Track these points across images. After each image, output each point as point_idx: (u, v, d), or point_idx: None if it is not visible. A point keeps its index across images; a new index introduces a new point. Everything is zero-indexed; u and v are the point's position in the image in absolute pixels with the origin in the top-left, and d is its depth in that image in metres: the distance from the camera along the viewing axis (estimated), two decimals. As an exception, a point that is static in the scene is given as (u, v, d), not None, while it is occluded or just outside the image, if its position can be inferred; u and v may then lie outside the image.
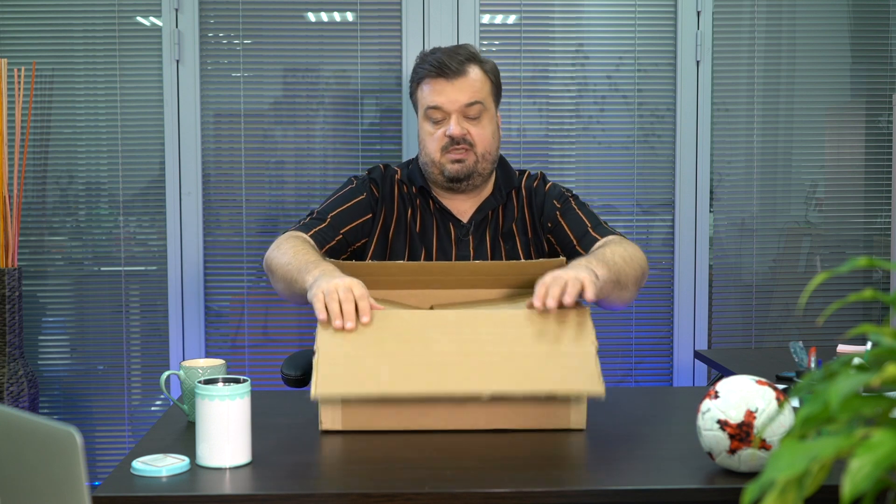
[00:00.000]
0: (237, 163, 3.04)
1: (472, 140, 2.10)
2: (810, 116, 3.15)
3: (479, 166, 2.12)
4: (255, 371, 3.00)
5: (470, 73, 2.11)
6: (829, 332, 3.10)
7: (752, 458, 1.37)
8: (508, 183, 2.20)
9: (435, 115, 2.11)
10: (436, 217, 2.16)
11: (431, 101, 2.10)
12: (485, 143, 2.12)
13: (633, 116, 3.09)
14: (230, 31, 3.02)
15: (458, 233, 2.15)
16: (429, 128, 2.13)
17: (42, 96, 3.00)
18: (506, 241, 2.16)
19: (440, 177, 2.12)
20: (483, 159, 2.12)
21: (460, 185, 2.13)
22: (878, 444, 0.80)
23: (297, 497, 1.36)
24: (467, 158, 2.10)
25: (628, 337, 3.10)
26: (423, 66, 2.13)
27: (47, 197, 3.03)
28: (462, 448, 1.55)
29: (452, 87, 2.09)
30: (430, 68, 2.11)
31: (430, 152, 2.12)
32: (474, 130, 2.11)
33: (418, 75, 2.15)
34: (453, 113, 2.09)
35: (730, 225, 3.15)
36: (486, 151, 2.12)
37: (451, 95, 2.09)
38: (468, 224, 2.16)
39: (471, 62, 2.12)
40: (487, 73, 2.15)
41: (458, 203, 2.18)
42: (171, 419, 1.74)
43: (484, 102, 2.12)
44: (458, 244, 2.14)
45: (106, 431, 3.06)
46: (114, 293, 3.04)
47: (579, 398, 1.63)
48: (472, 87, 2.10)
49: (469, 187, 2.15)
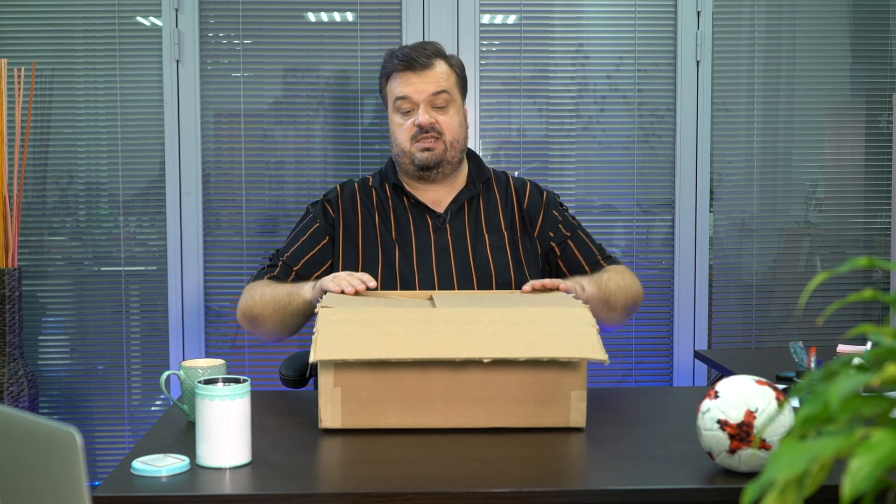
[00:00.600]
0: (237, 163, 3.04)
1: (440, 128, 2.17)
2: (810, 116, 3.15)
3: (447, 154, 2.18)
4: (255, 371, 3.00)
5: (436, 65, 2.20)
6: (829, 332, 3.10)
7: (752, 458, 1.37)
8: (480, 174, 2.27)
9: (403, 105, 2.18)
10: (411, 212, 2.20)
11: (400, 92, 2.18)
12: (453, 132, 2.19)
13: (633, 116, 3.09)
14: (230, 31, 3.02)
15: (436, 222, 2.20)
16: (398, 119, 2.20)
17: (42, 96, 3.00)
18: (491, 233, 2.20)
19: (411, 166, 2.19)
20: (451, 147, 2.19)
21: (430, 174, 2.19)
22: (878, 444, 0.80)
23: (297, 497, 1.36)
24: (436, 147, 2.17)
25: (628, 337, 3.10)
26: (391, 61, 2.21)
27: (47, 197, 3.03)
28: (462, 448, 1.55)
29: (420, 78, 2.17)
30: (397, 63, 2.19)
31: (401, 142, 2.19)
32: (442, 119, 2.18)
33: (387, 70, 2.23)
34: (421, 103, 2.17)
35: (730, 225, 3.15)
36: (454, 139, 2.19)
37: (419, 86, 2.17)
38: (444, 214, 2.20)
39: (437, 56, 2.21)
40: (453, 67, 2.23)
41: (432, 195, 2.23)
42: (171, 419, 1.74)
43: (450, 92, 2.20)
44: (436, 232, 2.18)
45: (106, 431, 3.06)
46: (114, 293, 3.04)
47: (580, 391, 1.63)
48: (438, 77, 2.18)
49: (439, 176, 2.20)
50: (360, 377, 1.61)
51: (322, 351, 1.58)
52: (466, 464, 1.48)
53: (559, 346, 1.60)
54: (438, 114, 2.17)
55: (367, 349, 1.59)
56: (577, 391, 1.63)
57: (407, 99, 2.17)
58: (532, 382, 1.62)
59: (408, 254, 2.15)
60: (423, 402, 1.62)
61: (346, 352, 1.59)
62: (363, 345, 1.60)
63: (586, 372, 1.64)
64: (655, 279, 3.11)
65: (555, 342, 1.61)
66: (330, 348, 1.59)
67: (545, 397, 1.63)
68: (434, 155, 2.16)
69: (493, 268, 2.13)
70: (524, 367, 1.62)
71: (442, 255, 2.15)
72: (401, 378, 1.61)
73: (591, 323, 1.66)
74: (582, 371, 1.63)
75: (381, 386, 1.61)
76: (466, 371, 1.61)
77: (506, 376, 1.62)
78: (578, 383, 1.63)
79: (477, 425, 1.63)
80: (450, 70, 2.21)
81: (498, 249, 2.17)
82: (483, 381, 1.62)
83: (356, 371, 1.61)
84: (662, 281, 3.11)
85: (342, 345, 1.60)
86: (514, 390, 1.62)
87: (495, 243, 2.18)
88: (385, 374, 1.61)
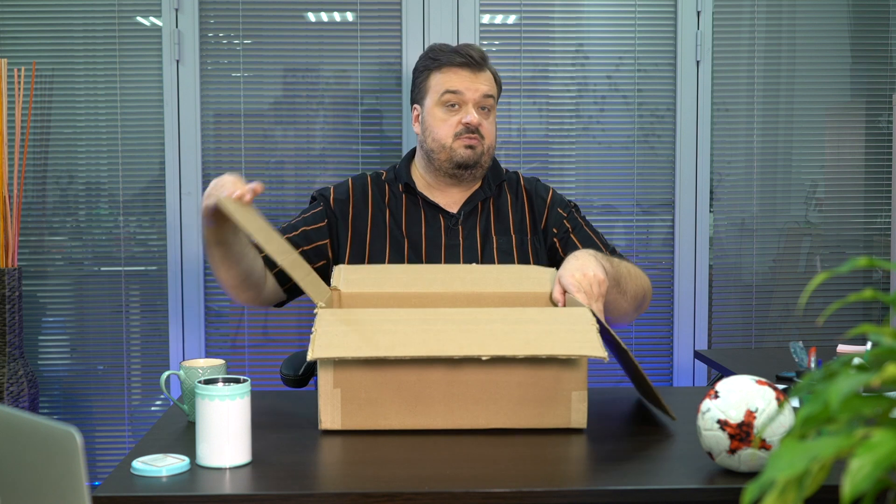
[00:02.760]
0: (237, 163, 3.04)
1: (483, 132, 2.17)
2: (810, 116, 3.15)
3: (483, 158, 2.18)
4: (255, 371, 3.00)
5: (487, 70, 2.21)
6: (829, 332, 3.10)
7: (752, 458, 1.37)
8: (497, 176, 2.26)
9: (451, 99, 2.16)
10: (424, 210, 2.19)
11: (453, 86, 2.15)
12: (491, 138, 2.20)
13: (633, 116, 3.09)
14: (230, 31, 3.02)
15: (448, 222, 2.19)
16: (441, 114, 2.17)
17: (42, 96, 3.00)
18: (499, 235, 2.19)
19: (447, 163, 2.16)
20: (487, 152, 2.19)
21: (465, 173, 2.17)
22: (878, 444, 0.80)
23: (297, 497, 1.36)
24: (478, 147, 2.16)
25: (628, 337, 3.10)
26: (443, 54, 2.19)
27: (47, 197, 3.03)
28: (462, 448, 1.55)
29: (475, 77, 2.17)
30: (453, 55, 2.18)
31: (441, 137, 2.16)
32: (485, 124, 2.18)
33: (438, 63, 2.19)
34: (471, 101, 2.16)
35: (730, 225, 3.15)
36: (491, 146, 2.20)
37: (474, 84, 2.16)
38: (457, 214, 2.19)
39: (486, 62, 2.22)
40: (495, 76, 2.25)
41: (445, 197, 2.21)
42: (171, 419, 1.74)
43: (495, 98, 2.22)
44: (448, 233, 2.17)
45: (106, 431, 3.06)
46: (114, 293, 3.04)
47: (581, 391, 1.63)
48: (489, 81, 2.20)
49: (471, 178, 2.19)
50: (360, 378, 1.61)
51: (320, 349, 1.58)
52: (466, 464, 1.48)
53: (558, 344, 1.60)
54: (482, 117, 2.17)
55: (366, 347, 1.59)
56: (578, 391, 1.63)
57: (458, 94, 2.15)
58: (532, 383, 1.62)
59: (418, 250, 2.15)
60: (423, 403, 1.62)
61: (344, 350, 1.59)
62: (361, 343, 1.60)
63: (587, 372, 1.64)
64: (655, 279, 3.10)
65: (554, 340, 1.61)
66: (328, 346, 1.59)
67: (545, 398, 1.63)
68: (475, 154, 2.15)
69: None
70: (524, 367, 1.62)
71: (451, 255, 2.15)
72: (400, 379, 1.61)
73: (591, 321, 1.66)
74: (582, 371, 1.63)
75: (380, 387, 1.61)
76: (466, 371, 1.61)
77: (506, 377, 1.62)
78: (579, 384, 1.63)
79: (477, 426, 1.63)
80: (493, 78, 2.22)
81: (505, 253, 2.16)
82: (483, 381, 1.62)
83: (356, 372, 1.60)
84: (662, 281, 3.11)
85: (340, 343, 1.60)
86: (514, 391, 1.62)
87: (502, 246, 2.17)
88: (385, 375, 1.61)
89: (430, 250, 2.14)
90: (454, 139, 2.15)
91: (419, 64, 2.24)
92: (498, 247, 2.17)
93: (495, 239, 2.18)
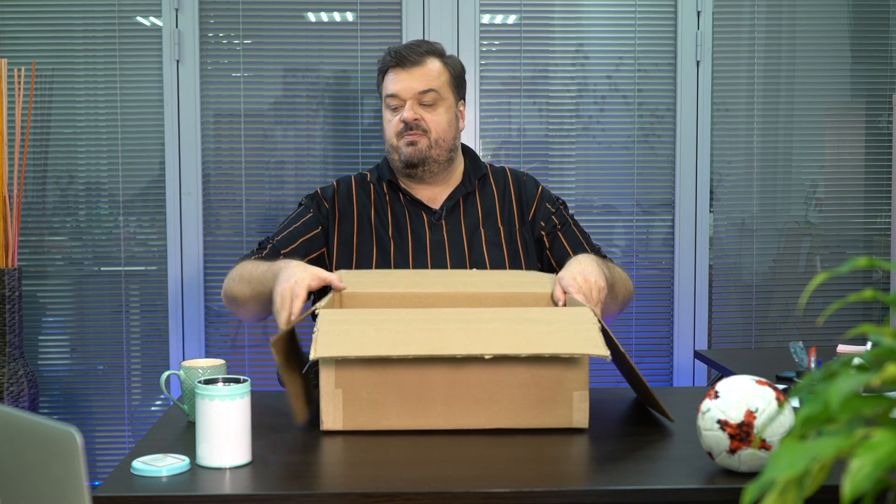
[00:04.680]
0: (237, 163, 3.04)
1: (425, 126, 2.18)
2: (810, 116, 3.15)
3: (432, 152, 2.18)
4: (255, 371, 3.00)
5: (427, 63, 2.21)
6: (829, 332, 3.10)
7: (752, 458, 1.37)
8: (477, 170, 2.27)
9: (392, 102, 2.20)
10: (407, 208, 2.22)
11: (389, 90, 2.21)
12: (439, 130, 2.19)
13: (633, 116, 3.09)
14: (230, 31, 3.02)
15: (431, 218, 2.20)
16: (388, 115, 2.23)
17: (42, 96, 3.00)
18: (487, 228, 2.20)
19: (398, 162, 2.20)
20: (437, 145, 2.19)
21: (416, 171, 2.19)
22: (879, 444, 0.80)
23: (297, 497, 1.36)
24: (420, 142, 2.17)
25: (628, 337, 3.10)
26: (385, 58, 2.24)
27: (47, 197, 3.03)
28: (462, 448, 1.55)
29: (409, 75, 2.19)
30: (389, 59, 2.22)
31: (388, 137, 2.22)
32: (428, 116, 2.19)
33: (379, 66, 2.26)
34: (408, 100, 2.18)
35: (730, 225, 3.15)
36: (441, 138, 2.19)
37: (407, 83, 2.19)
38: (440, 210, 2.21)
39: (430, 54, 2.22)
40: (447, 66, 2.24)
41: (427, 192, 2.23)
42: (171, 419, 1.74)
43: (439, 91, 2.20)
44: (432, 228, 2.19)
45: (106, 431, 3.06)
46: (114, 293, 3.04)
47: (582, 391, 1.63)
48: (427, 75, 2.20)
49: (427, 174, 2.20)
50: (362, 379, 1.61)
51: (322, 348, 1.58)
52: (467, 464, 1.48)
53: (560, 343, 1.60)
54: (425, 111, 2.18)
55: (367, 346, 1.59)
56: (580, 392, 1.63)
57: (395, 96, 2.19)
58: (534, 383, 1.62)
59: (403, 250, 2.16)
60: (424, 404, 1.62)
61: (346, 349, 1.58)
62: (363, 342, 1.60)
63: (588, 372, 1.64)
64: (655, 279, 3.12)
65: (556, 339, 1.61)
66: (330, 346, 1.59)
67: (547, 398, 1.62)
68: (417, 150, 2.17)
69: (488, 263, 2.14)
70: (526, 367, 1.62)
71: (437, 251, 2.16)
72: (402, 379, 1.61)
73: (593, 321, 1.66)
74: (584, 370, 1.63)
75: (382, 387, 1.61)
76: (467, 371, 1.61)
77: (507, 377, 1.62)
78: (580, 384, 1.63)
79: (478, 426, 1.63)
80: (442, 68, 2.22)
81: (494, 245, 2.18)
82: (484, 381, 1.61)
83: (357, 372, 1.60)
84: (662, 281, 3.11)
85: (342, 342, 1.60)
86: (515, 391, 1.62)
87: (491, 238, 2.19)
88: (386, 376, 1.61)
89: (415, 247, 2.16)
90: (398, 138, 2.19)
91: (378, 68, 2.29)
92: (487, 239, 2.19)
93: (483, 232, 2.19)
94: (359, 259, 2.16)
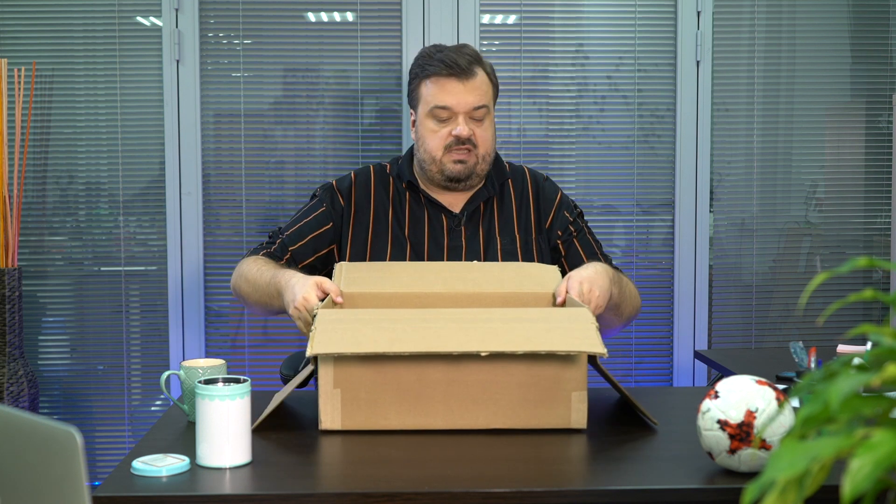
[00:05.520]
0: (237, 163, 3.04)
1: (476, 141, 2.12)
2: (810, 116, 3.15)
3: (478, 167, 2.15)
4: (255, 371, 3.00)
5: (478, 75, 2.13)
6: (829, 332, 3.10)
7: (752, 458, 1.37)
8: (500, 174, 2.22)
9: (443, 114, 2.11)
10: (427, 209, 2.18)
11: (440, 101, 2.11)
12: (486, 146, 2.15)
13: (633, 116, 3.09)
14: (230, 31, 3.02)
15: (451, 223, 2.17)
16: (432, 125, 2.13)
17: (42, 96, 3.00)
18: (503, 236, 2.17)
19: (439, 175, 2.14)
20: (483, 160, 2.15)
21: (458, 185, 2.15)
22: (879, 444, 0.80)
23: (297, 497, 1.36)
24: (469, 159, 2.12)
25: (628, 337, 3.10)
26: (431, 63, 2.13)
27: (47, 197, 3.03)
28: (462, 448, 1.55)
29: (463, 87, 2.11)
30: (440, 66, 2.11)
31: (432, 150, 2.13)
32: (479, 132, 2.13)
33: (426, 72, 2.14)
34: (461, 114, 2.10)
35: (730, 225, 3.15)
36: (487, 153, 2.16)
37: (462, 97, 2.10)
38: (460, 214, 2.18)
39: (478, 64, 2.14)
40: (490, 76, 2.18)
41: (448, 196, 2.19)
42: (171, 419, 1.74)
43: (489, 106, 2.15)
44: (451, 234, 2.16)
45: (106, 431, 3.06)
46: (114, 293, 3.04)
47: (580, 392, 1.63)
48: (479, 89, 2.12)
49: (466, 187, 2.17)
50: (360, 378, 1.61)
51: (319, 345, 1.58)
52: (466, 464, 1.48)
53: (557, 341, 1.60)
54: (475, 126, 2.12)
55: (365, 343, 1.59)
56: (578, 392, 1.63)
57: (447, 108, 2.10)
58: (532, 383, 1.62)
59: (419, 252, 2.14)
60: (422, 403, 1.62)
61: (343, 346, 1.59)
62: (360, 340, 1.60)
63: (587, 371, 1.64)
64: (655, 279, 3.12)
65: (554, 337, 1.61)
66: (327, 343, 1.59)
67: (545, 398, 1.62)
68: (466, 168, 2.12)
69: None
70: (524, 367, 1.62)
71: (454, 256, 2.13)
72: (400, 379, 1.61)
73: (591, 320, 1.66)
74: (582, 370, 1.63)
75: (380, 387, 1.61)
76: (466, 371, 1.61)
77: (506, 377, 1.62)
78: (579, 384, 1.63)
79: (477, 426, 1.63)
80: (488, 79, 2.15)
81: (509, 254, 2.15)
82: (483, 381, 1.62)
83: (356, 372, 1.60)
84: (662, 281, 3.11)
85: (339, 340, 1.60)
86: (514, 391, 1.62)
87: (507, 247, 2.16)
88: (385, 375, 1.61)
89: (432, 250, 2.14)
90: (444, 152, 2.11)
91: (412, 68, 2.20)
92: (503, 247, 2.15)
93: (499, 240, 2.16)
94: (373, 257, 2.14)
